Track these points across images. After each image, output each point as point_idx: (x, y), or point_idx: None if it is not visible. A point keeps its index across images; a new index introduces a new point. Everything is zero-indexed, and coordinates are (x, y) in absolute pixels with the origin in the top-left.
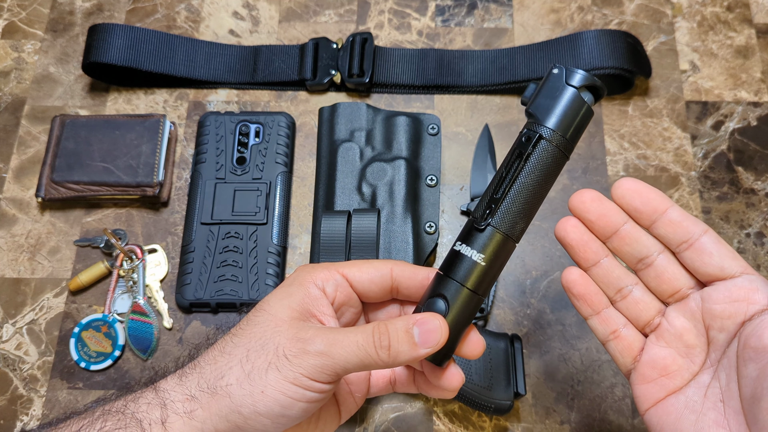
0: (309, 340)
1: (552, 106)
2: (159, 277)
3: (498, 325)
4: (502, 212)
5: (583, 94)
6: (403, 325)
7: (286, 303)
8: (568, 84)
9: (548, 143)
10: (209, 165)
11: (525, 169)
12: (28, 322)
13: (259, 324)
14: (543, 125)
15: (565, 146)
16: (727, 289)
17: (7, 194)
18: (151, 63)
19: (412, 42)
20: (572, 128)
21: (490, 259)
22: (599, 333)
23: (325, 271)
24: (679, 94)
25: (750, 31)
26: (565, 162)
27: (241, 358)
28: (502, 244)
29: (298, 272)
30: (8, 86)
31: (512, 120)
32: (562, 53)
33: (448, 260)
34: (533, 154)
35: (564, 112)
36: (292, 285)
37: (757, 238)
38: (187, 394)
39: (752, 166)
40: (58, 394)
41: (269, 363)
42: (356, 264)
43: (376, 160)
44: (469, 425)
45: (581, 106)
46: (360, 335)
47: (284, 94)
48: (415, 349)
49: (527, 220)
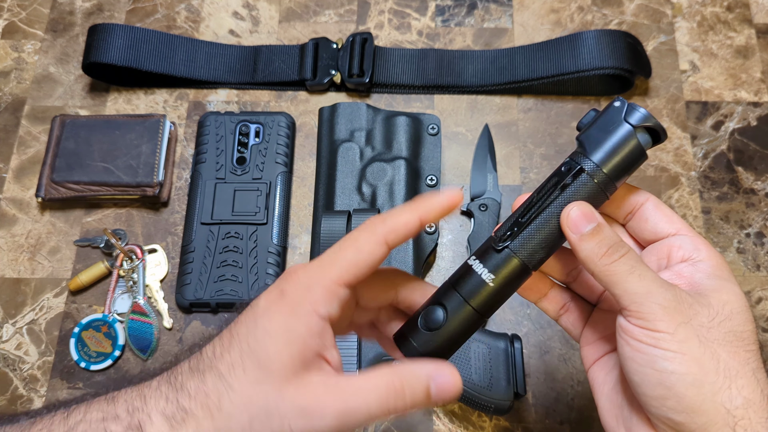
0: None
1: (603, 140)
2: (159, 277)
3: (498, 325)
4: (523, 237)
5: (639, 135)
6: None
7: (288, 354)
8: (626, 121)
9: (589, 178)
10: (209, 165)
11: (558, 200)
12: (28, 322)
13: (260, 383)
14: (588, 158)
15: (606, 185)
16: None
17: (7, 194)
18: (151, 63)
19: (412, 42)
20: (619, 168)
21: (500, 283)
22: (550, 312)
23: (325, 290)
24: (679, 94)
25: (750, 31)
26: (603, 201)
27: (243, 426)
28: (516, 270)
29: (295, 293)
30: (8, 86)
31: (512, 120)
32: (562, 53)
33: (459, 272)
34: (570, 186)
35: (613, 149)
36: (291, 318)
37: (757, 238)
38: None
39: (752, 166)
40: (58, 394)
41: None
42: (350, 260)
43: (376, 160)
44: (469, 425)
45: (634, 147)
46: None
47: (284, 94)
48: (428, 403)
49: (548, 251)
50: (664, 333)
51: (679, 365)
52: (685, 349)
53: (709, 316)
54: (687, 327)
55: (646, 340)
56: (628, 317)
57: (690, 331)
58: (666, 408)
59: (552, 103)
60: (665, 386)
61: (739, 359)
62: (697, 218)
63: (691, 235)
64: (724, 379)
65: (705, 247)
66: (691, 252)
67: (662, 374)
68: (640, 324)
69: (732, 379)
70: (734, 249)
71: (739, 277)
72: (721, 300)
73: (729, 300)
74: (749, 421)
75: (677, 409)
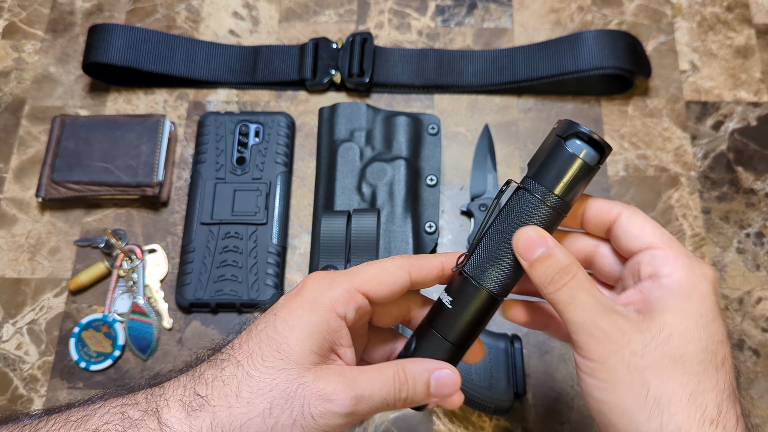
0: (336, 400)
1: (539, 158)
2: (159, 277)
3: (498, 325)
4: (475, 258)
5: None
6: (422, 377)
7: (308, 346)
8: (558, 135)
9: (527, 193)
10: (209, 165)
11: (500, 218)
12: (29, 322)
13: (281, 370)
14: (527, 176)
15: (552, 201)
16: (629, 266)
17: (7, 194)
18: (151, 63)
19: (412, 42)
20: (559, 182)
21: (458, 305)
22: (557, 337)
23: (345, 291)
24: (679, 94)
25: (750, 31)
26: (555, 217)
27: (263, 411)
28: (471, 290)
29: (315, 292)
30: (8, 86)
31: (512, 120)
32: (562, 53)
33: (437, 301)
34: (509, 204)
35: (549, 164)
36: (312, 313)
37: (757, 238)
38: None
39: (752, 166)
40: (58, 394)
41: (294, 421)
42: (374, 275)
43: (376, 160)
44: (469, 425)
45: (570, 159)
46: (383, 388)
47: (284, 94)
48: (428, 398)
49: (501, 269)
50: (595, 362)
51: (609, 395)
52: (613, 379)
53: (643, 342)
54: (616, 356)
55: (584, 368)
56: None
57: (619, 360)
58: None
59: (552, 103)
60: (603, 414)
61: (674, 385)
62: (697, 218)
63: (662, 248)
64: (653, 407)
65: (673, 261)
66: (657, 267)
67: (598, 403)
68: (578, 352)
69: (663, 406)
70: (734, 249)
71: (738, 277)
72: (662, 322)
73: (671, 321)
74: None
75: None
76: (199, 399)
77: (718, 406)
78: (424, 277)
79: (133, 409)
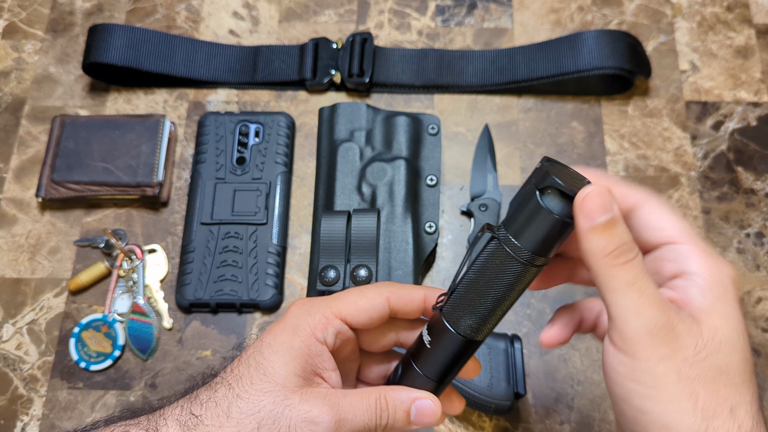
0: (320, 423)
1: (513, 207)
2: (159, 277)
3: (498, 325)
4: (451, 301)
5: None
6: (403, 405)
7: (291, 369)
8: (534, 185)
9: (500, 246)
10: (209, 165)
11: (475, 265)
12: (28, 322)
13: (268, 392)
14: (502, 225)
15: (522, 255)
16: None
17: (7, 194)
18: (151, 63)
19: (412, 42)
20: (529, 235)
21: (435, 345)
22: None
23: (323, 317)
24: (679, 94)
25: (750, 31)
26: (527, 271)
27: (252, 430)
28: (446, 333)
29: (296, 317)
30: (8, 86)
31: (512, 120)
32: (562, 53)
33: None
34: (484, 252)
35: (520, 215)
36: (294, 338)
37: (757, 238)
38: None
39: (752, 166)
40: (58, 394)
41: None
42: (352, 301)
43: (376, 160)
44: (469, 425)
45: (538, 210)
46: (365, 414)
47: (284, 94)
48: (408, 426)
49: (475, 318)
50: (642, 363)
51: (653, 404)
52: (661, 386)
53: (696, 349)
54: (668, 362)
55: (624, 371)
56: (611, 332)
57: (671, 366)
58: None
59: (552, 103)
60: (640, 425)
61: (719, 397)
62: (697, 218)
63: (686, 243)
64: (701, 421)
65: (698, 257)
66: (684, 265)
67: (637, 412)
68: (620, 345)
69: (709, 419)
70: (734, 249)
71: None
72: (712, 327)
73: (720, 327)
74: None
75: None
76: (194, 418)
77: (752, 419)
78: (404, 306)
79: (135, 428)
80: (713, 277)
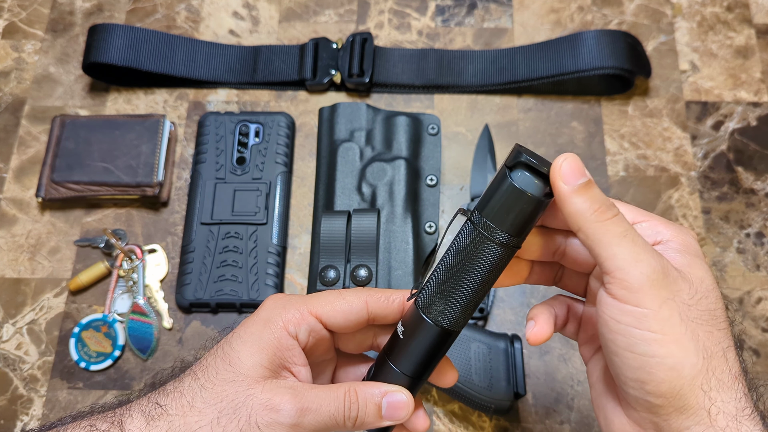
0: (282, 410)
1: (486, 190)
2: (159, 277)
3: (498, 325)
4: (425, 290)
5: (521, 179)
6: (373, 398)
7: (258, 360)
8: (504, 164)
9: (474, 229)
10: (209, 165)
11: (449, 250)
12: (29, 322)
13: (231, 382)
14: (476, 208)
15: (501, 239)
16: None
17: (7, 194)
18: (151, 63)
19: (412, 42)
20: (503, 215)
21: (408, 336)
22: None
23: (297, 312)
24: (679, 94)
25: (750, 31)
26: (500, 253)
27: (212, 420)
28: (420, 323)
29: (270, 311)
30: (8, 86)
31: (512, 120)
32: (562, 53)
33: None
34: (458, 237)
35: (493, 197)
36: (264, 330)
37: (757, 238)
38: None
39: (752, 166)
40: (58, 394)
41: (240, 429)
42: (329, 301)
43: (376, 160)
44: (469, 425)
45: (508, 189)
46: (332, 404)
47: (284, 94)
48: (379, 421)
49: (448, 303)
50: (646, 309)
51: (659, 347)
52: (666, 329)
53: (690, 293)
54: (671, 304)
55: (625, 319)
56: (610, 286)
57: (674, 308)
58: (644, 391)
59: (552, 103)
60: (645, 371)
61: (714, 339)
62: (697, 218)
63: (647, 219)
64: (703, 361)
65: (665, 227)
66: (656, 236)
67: (642, 358)
68: (622, 296)
69: (708, 359)
70: (734, 249)
71: (738, 277)
72: (697, 277)
73: (704, 277)
74: (723, 403)
75: (656, 393)
76: (159, 408)
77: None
78: (382, 309)
79: (101, 421)
80: (685, 241)
